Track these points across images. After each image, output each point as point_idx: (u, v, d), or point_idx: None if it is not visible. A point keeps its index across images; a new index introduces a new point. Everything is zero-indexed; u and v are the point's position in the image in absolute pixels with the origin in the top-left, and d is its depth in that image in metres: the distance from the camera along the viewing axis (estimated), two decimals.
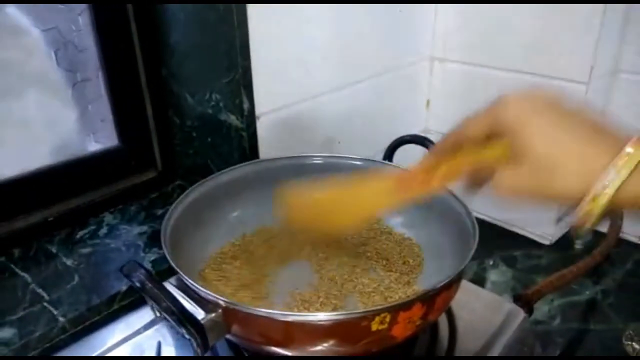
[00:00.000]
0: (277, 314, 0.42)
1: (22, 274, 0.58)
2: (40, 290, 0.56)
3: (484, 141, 0.36)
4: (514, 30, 0.79)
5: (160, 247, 0.61)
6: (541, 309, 0.72)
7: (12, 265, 0.59)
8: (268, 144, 0.68)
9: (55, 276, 0.58)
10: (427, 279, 0.54)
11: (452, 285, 0.45)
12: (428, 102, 0.94)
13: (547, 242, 0.86)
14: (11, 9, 0.62)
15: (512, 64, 0.81)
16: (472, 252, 0.45)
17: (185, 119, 0.70)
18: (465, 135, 0.37)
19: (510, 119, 0.34)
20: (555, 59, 0.77)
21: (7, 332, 0.50)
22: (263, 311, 0.42)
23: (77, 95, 0.67)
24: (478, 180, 0.39)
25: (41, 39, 0.64)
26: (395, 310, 0.40)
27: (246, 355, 0.50)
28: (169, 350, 0.52)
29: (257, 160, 0.65)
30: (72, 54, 0.66)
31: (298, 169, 0.63)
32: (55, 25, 0.64)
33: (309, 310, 0.50)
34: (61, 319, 0.52)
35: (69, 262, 0.60)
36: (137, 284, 0.39)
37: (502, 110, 0.34)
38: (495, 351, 0.52)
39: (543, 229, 0.86)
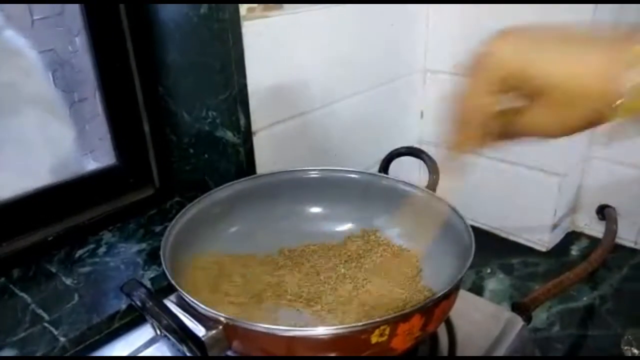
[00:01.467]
0: (278, 329, 0.43)
1: (22, 294, 0.58)
2: (40, 311, 0.56)
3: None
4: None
5: (160, 264, 0.62)
6: (539, 316, 0.72)
7: (12, 286, 0.60)
8: (265, 159, 0.69)
9: (55, 296, 0.58)
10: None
11: (450, 295, 0.45)
12: (422, 114, 0.95)
13: (543, 249, 0.87)
14: (9, 32, 0.63)
15: None
16: (470, 261, 0.46)
17: (182, 136, 0.71)
18: (482, 118, 0.35)
19: (514, 70, 0.32)
20: None
21: (8, 353, 0.50)
22: (264, 327, 0.42)
23: (74, 115, 0.68)
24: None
25: (38, 60, 0.65)
26: (395, 322, 0.41)
27: None
28: None
29: (254, 175, 0.66)
30: (69, 75, 0.67)
31: (295, 183, 0.63)
32: (52, 47, 0.65)
33: (316, 322, 0.50)
34: (62, 338, 0.52)
35: (68, 282, 0.60)
36: (138, 303, 0.39)
37: (499, 66, 0.33)
38: None
39: (539, 235, 0.86)
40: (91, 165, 0.71)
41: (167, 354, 0.54)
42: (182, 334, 0.39)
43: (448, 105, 0.36)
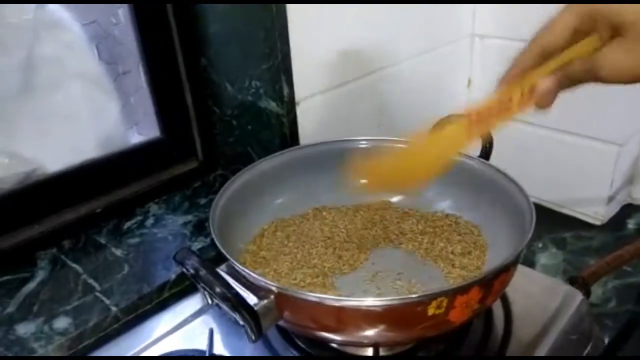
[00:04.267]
0: (328, 298, 0.42)
1: (73, 265, 0.59)
2: (91, 281, 0.57)
3: (570, 42, 0.35)
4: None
5: (206, 236, 0.62)
6: (595, 291, 0.69)
7: (63, 257, 0.61)
8: (308, 130, 0.67)
9: (106, 266, 0.59)
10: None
11: (509, 268, 0.44)
12: (469, 81, 0.91)
13: (598, 223, 0.83)
14: (53, 5, 0.63)
15: None
16: (531, 233, 0.44)
17: (225, 107, 0.70)
18: (552, 38, 0.36)
19: (587, 8, 0.33)
20: None
21: (63, 322, 0.51)
22: (314, 296, 0.41)
23: (119, 88, 0.68)
24: (571, 82, 0.37)
25: (82, 33, 0.65)
26: (453, 294, 0.39)
27: (297, 341, 0.50)
28: (219, 337, 0.52)
29: (299, 146, 0.64)
30: (112, 47, 0.67)
31: (341, 154, 0.61)
32: (95, 19, 0.65)
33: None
34: (113, 308, 0.53)
35: (118, 253, 0.61)
36: (191, 271, 0.39)
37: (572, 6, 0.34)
38: (553, 336, 0.50)
39: (594, 208, 0.82)
40: (136, 138, 0.71)
41: (214, 325, 0.54)
42: (236, 302, 0.38)
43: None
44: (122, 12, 0.65)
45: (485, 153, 0.58)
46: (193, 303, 0.57)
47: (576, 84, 0.36)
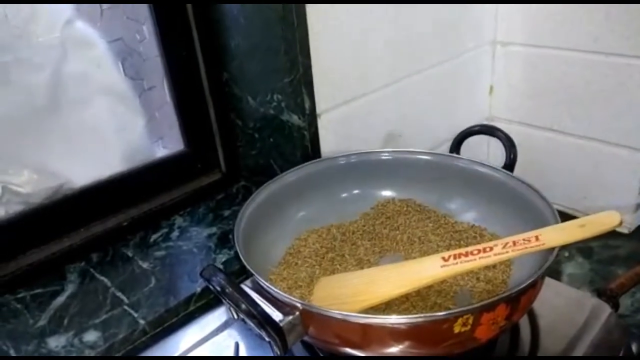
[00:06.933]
0: (353, 316, 0.42)
1: (102, 278, 0.61)
2: (119, 294, 0.58)
3: None
4: (581, 6, 0.75)
5: (230, 248, 0.63)
6: (624, 301, 0.68)
7: (92, 270, 0.62)
8: (330, 142, 0.68)
9: (133, 279, 0.60)
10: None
11: (536, 283, 0.43)
12: (491, 88, 0.91)
13: (625, 231, 0.81)
14: (79, 23, 0.65)
15: (580, 44, 0.77)
16: (558, 247, 0.43)
17: (248, 120, 0.71)
18: None
19: None
20: (629, 35, 0.72)
21: (92, 335, 0.52)
22: (339, 313, 0.41)
23: (144, 103, 0.69)
24: None
25: (108, 50, 0.67)
26: (479, 311, 0.39)
27: (321, 355, 0.50)
28: (244, 350, 0.53)
29: (323, 158, 0.65)
30: (137, 63, 0.68)
31: (365, 166, 0.62)
32: (120, 36, 0.66)
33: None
34: (141, 321, 0.54)
35: (144, 265, 0.62)
36: (217, 288, 0.40)
37: None
38: (581, 350, 0.49)
39: (621, 217, 0.81)
40: (161, 152, 0.72)
41: (239, 338, 0.54)
42: (262, 319, 0.39)
43: None
44: (147, 28, 0.67)
45: (510, 164, 0.57)
46: (218, 315, 0.58)
47: None
